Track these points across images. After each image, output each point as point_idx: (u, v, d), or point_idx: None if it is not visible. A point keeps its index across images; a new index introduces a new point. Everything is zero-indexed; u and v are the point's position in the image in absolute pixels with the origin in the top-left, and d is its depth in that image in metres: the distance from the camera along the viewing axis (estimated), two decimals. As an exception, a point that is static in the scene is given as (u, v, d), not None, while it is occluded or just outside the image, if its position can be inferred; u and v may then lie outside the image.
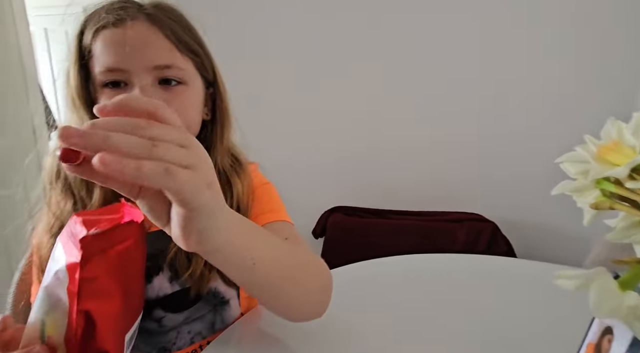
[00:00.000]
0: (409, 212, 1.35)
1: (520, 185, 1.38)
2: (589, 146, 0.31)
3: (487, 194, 1.41)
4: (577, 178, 0.34)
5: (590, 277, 0.25)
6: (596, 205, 0.33)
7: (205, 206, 0.25)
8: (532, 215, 1.38)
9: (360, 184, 1.48)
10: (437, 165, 1.44)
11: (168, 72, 0.43)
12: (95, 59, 0.43)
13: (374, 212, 1.35)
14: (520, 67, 1.32)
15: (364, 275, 0.70)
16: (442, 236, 1.23)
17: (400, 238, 1.21)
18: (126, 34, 0.41)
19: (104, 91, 0.43)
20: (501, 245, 1.23)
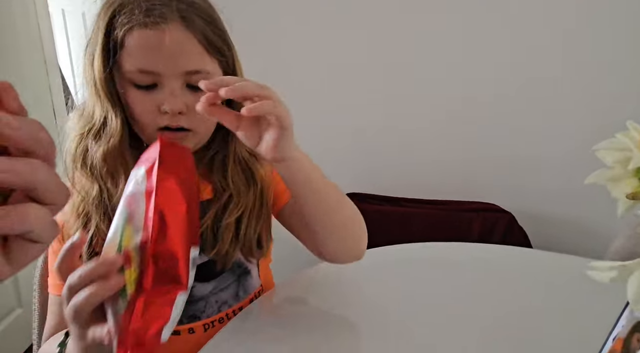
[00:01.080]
0: (423, 200, 1.34)
1: (538, 176, 1.34)
2: (631, 133, 0.30)
3: (504, 184, 1.38)
4: (613, 167, 0.32)
5: (629, 268, 0.24)
6: (634, 195, 0.32)
7: (291, 127, 0.40)
8: (549, 207, 1.35)
9: (374, 171, 1.47)
10: (453, 153, 1.41)
11: (196, 77, 0.44)
12: (127, 55, 0.42)
13: (388, 199, 1.34)
14: (541, 53, 1.27)
15: (376, 262, 0.70)
16: (456, 225, 1.21)
17: (414, 226, 1.20)
18: (163, 40, 0.41)
19: (131, 88, 0.44)
20: (517, 236, 1.21)
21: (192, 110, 0.43)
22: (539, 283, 0.61)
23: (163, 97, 0.43)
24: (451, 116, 1.40)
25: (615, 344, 0.32)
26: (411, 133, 1.44)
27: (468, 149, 1.40)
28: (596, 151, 0.33)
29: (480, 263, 0.70)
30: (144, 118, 0.44)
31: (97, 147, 0.45)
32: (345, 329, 0.50)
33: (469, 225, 1.21)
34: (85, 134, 0.46)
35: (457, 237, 0.88)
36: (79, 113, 0.49)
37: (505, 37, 1.29)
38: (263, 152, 0.41)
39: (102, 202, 0.46)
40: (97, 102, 0.45)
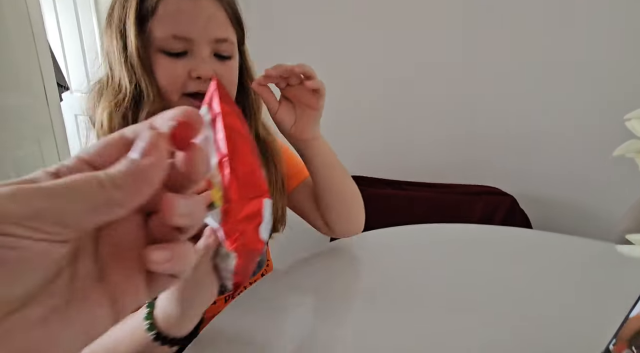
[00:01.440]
0: (425, 183, 1.32)
1: (540, 159, 1.33)
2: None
3: (506, 168, 1.37)
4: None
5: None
6: (664, 168, 0.30)
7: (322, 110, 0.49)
8: (550, 190, 1.34)
9: (377, 155, 1.45)
10: (455, 137, 1.40)
11: (223, 45, 0.46)
12: (159, 22, 0.43)
13: (391, 183, 1.33)
14: (542, 34, 1.24)
15: (378, 244, 0.69)
16: (458, 208, 1.21)
17: (416, 209, 1.19)
18: (197, 8, 0.43)
19: (160, 55, 0.44)
20: (519, 219, 1.20)
21: (219, 77, 0.45)
22: (540, 262, 0.61)
23: (194, 63, 0.44)
24: (453, 101, 1.37)
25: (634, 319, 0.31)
26: (414, 118, 1.41)
27: (470, 133, 1.38)
28: (626, 121, 0.31)
29: (481, 244, 0.70)
30: (172, 84, 0.45)
31: (141, 114, 0.44)
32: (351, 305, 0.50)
33: (471, 208, 1.20)
34: (117, 106, 0.44)
35: (458, 220, 0.87)
36: (100, 87, 0.47)
37: (507, 21, 1.26)
38: (298, 132, 0.50)
39: None
40: (128, 71, 0.44)
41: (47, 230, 0.12)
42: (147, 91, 0.44)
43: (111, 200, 0.13)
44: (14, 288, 0.12)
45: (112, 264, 0.15)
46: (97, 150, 0.15)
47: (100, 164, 0.15)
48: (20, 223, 0.11)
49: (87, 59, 2.03)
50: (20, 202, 0.12)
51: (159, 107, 0.45)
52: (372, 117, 1.44)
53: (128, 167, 0.14)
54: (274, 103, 0.49)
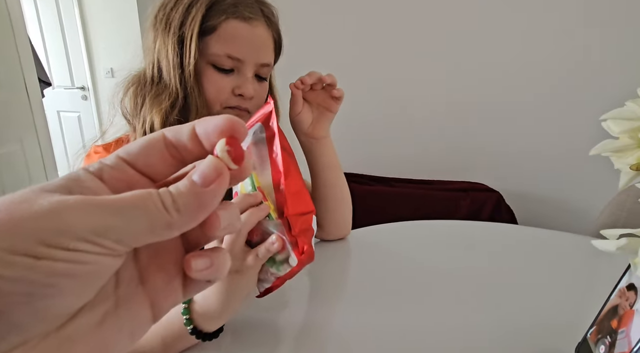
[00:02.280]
0: (413, 180, 1.34)
1: (526, 157, 1.36)
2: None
3: (493, 164, 1.40)
4: (619, 138, 0.32)
5: (636, 236, 0.23)
6: (637, 166, 0.32)
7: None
8: (536, 187, 1.38)
9: (366, 152, 1.46)
10: (445, 135, 1.42)
11: (265, 69, 0.51)
12: (217, 40, 0.46)
13: (379, 179, 1.34)
14: (527, 37, 1.26)
15: (366, 240, 0.70)
16: (445, 204, 1.23)
17: (404, 206, 1.21)
18: (253, 33, 0.48)
19: (210, 69, 0.47)
20: (504, 215, 1.23)
21: (256, 96, 0.50)
22: (524, 256, 0.63)
23: (239, 82, 0.49)
24: (442, 100, 1.39)
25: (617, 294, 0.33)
26: (403, 116, 1.43)
27: (458, 131, 1.40)
28: (602, 121, 0.32)
29: (468, 240, 0.71)
30: (217, 97, 0.48)
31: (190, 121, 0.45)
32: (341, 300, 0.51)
33: (458, 204, 1.23)
34: (171, 110, 0.46)
35: (446, 216, 0.89)
36: (139, 82, 0.48)
37: (494, 29, 1.28)
38: (315, 131, 0.56)
39: None
40: (181, 79, 0.47)
41: (109, 246, 0.12)
42: (195, 100, 0.47)
43: (170, 224, 0.13)
44: (80, 299, 0.13)
45: (152, 268, 0.15)
46: (139, 151, 0.15)
47: (142, 165, 0.15)
48: (88, 239, 0.12)
49: (69, 54, 1.98)
50: (89, 217, 0.12)
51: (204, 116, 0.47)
52: (362, 115, 1.44)
53: (191, 193, 0.14)
54: (300, 105, 0.55)
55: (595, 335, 0.35)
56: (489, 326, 0.44)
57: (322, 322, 0.46)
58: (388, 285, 0.54)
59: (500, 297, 0.51)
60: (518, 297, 0.51)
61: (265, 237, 0.34)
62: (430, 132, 1.43)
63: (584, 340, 0.37)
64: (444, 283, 0.54)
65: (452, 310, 0.48)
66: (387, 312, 0.48)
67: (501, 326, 0.44)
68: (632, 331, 0.29)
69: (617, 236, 0.25)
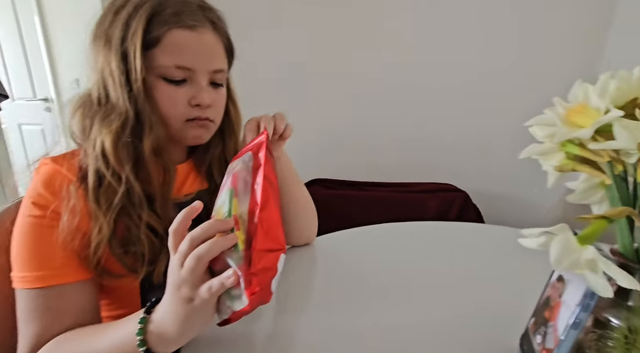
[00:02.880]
0: (384, 183, 1.37)
1: (490, 158, 1.42)
2: (557, 109, 0.32)
3: (459, 165, 1.45)
4: (544, 142, 0.35)
5: (552, 233, 0.26)
6: (560, 168, 0.34)
7: None
8: (500, 185, 1.44)
9: (335, 157, 1.48)
10: (411, 137, 1.46)
11: (219, 75, 0.49)
12: (163, 51, 0.45)
13: (350, 183, 1.36)
14: (486, 38, 1.33)
15: (334, 246, 0.72)
16: (414, 206, 1.26)
17: (375, 209, 1.23)
18: (201, 41, 0.46)
19: (161, 82, 0.46)
20: (471, 214, 1.28)
21: (214, 104, 0.49)
22: (489, 253, 0.66)
23: (194, 92, 0.47)
24: (408, 106, 1.43)
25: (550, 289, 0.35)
26: (371, 120, 1.46)
27: (425, 134, 1.45)
28: (529, 127, 0.35)
29: (437, 239, 0.74)
30: (173, 110, 0.47)
31: (146, 141, 0.45)
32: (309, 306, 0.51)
33: (427, 205, 1.26)
34: (122, 131, 0.44)
35: (415, 217, 0.92)
36: (86, 102, 0.46)
37: (458, 32, 1.34)
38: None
39: (137, 197, 0.44)
40: (129, 97, 0.44)
41: None
42: (148, 117, 0.45)
43: None
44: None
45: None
46: None
47: None
48: None
49: (30, 64, 1.90)
50: None
51: (162, 134, 0.46)
52: (330, 121, 1.47)
53: None
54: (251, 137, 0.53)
55: (533, 326, 0.37)
56: (451, 323, 0.47)
57: (289, 329, 0.47)
58: (354, 290, 0.55)
59: (462, 293, 0.53)
60: (479, 293, 0.53)
61: (226, 268, 0.33)
62: (398, 135, 1.47)
63: (525, 331, 0.39)
64: (408, 284, 0.56)
65: (415, 309, 0.50)
66: (352, 315, 0.49)
67: (463, 321, 0.47)
68: (559, 322, 0.31)
69: (538, 234, 0.27)
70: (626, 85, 0.27)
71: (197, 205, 0.35)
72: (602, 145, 0.28)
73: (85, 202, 0.43)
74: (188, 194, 0.52)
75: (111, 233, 0.42)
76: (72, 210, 0.42)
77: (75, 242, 0.42)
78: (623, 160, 0.29)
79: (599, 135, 0.31)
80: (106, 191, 0.43)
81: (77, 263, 0.42)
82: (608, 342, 0.29)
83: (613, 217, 0.26)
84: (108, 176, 0.43)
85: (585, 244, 0.26)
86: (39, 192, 0.43)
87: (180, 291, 0.33)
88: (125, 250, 0.43)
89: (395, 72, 1.41)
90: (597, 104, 0.28)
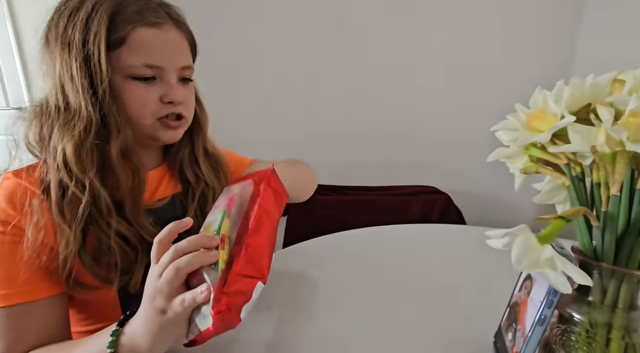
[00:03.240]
0: (367, 187, 1.38)
1: (469, 156, 1.46)
2: (519, 114, 0.33)
3: (441, 167, 1.48)
4: (509, 146, 0.36)
5: (513, 233, 0.27)
6: (525, 170, 0.36)
7: None
8: (480, 186, 1.48)
9: (321, 163, 1.49)
10: (396, 142, 1.48)
11: (187, 71, 0.50)
12: (128, 51, 0.44)
13: (333, 188, 1.37)
14: (462, 41, 1.37)
15: (320, 250, 0.72)
16: (397, 209, 1.28)
17: (359, 213, 1.24)
18: (166, 38, 0.46)
19: (130, 82, 0.45)
20: (453, 215, 1.30)
21: (186, 100, 0.49)
22: (470, 253, 0.68)
23: (165, 89, 0.47)
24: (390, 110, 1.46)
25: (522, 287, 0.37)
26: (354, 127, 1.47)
27: (407, 138, 1.48)
28: (495, 132, 0.36)
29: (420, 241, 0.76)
30: (144, 109, 0.46)
31: (113, 144, 0.43)
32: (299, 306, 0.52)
33: (410, 207, 1.28)
34: (85, 137, 0.42)
35: (399, 220, 0.93)
36: (43, 111, 0.44)
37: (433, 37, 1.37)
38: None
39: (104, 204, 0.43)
40: (93, 101, 0.43)
41: None
42: (115, 120, 0.44)
43: None
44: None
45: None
46: None
47: None
48: None
49: (3, 72, 1.84)
50: None
51: (130, 136, 0.45)
52: (313, 127, 1.48)
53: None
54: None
55: (505, 323, 0.39)
56: (433, 322, 0.48)
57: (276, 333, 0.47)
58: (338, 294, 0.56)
59: (442, 294, 0.55)
60: (459, 293, 0.55)
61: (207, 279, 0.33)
62: (381, 139, 1.49)
63: (499, 329, 0.40)
64: (392, 287, 0.58)
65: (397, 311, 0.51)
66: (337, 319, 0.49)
67: (444, 320, 0.48)
68: (527, 319, 0.33)
69: (502, 235, 0.29)
70: (579, 92, 0.29)
71: (187, 221, 0.36)
72: (559, 148, 0.30)
73: (50, 215, 0.41)
74: (162, 199, 0.51)
75: (80, 245, 0.41)
76: (35, 225, 0.40)
77: (41, 258, 0.40)
78: (580, 162, 0.31)
79: (558, 139, 0.32)
80: (70, 202, 0.42)
81: (44, 279, 0.41)
82: (571, 336, 0.30)
83: (569, 217, 0.27)
84: (72, 186, 0.42)
85: (544, 243, 0.27)
86: (1, 207, 0.41)
87: (155, 301, 0.33)
88: (97, 260, 0.42)
89: (377, 77, 1.43)
90: (554, 109, 0.30)
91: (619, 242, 0.28)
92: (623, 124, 0.24)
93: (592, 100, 0.29)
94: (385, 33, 1.39)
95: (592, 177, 0.30)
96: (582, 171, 0.31)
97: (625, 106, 0.25)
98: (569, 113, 0.29)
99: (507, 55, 1.37)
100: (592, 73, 0.30)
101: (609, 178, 0.28)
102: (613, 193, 0.28)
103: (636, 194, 0.27)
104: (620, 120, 0.25)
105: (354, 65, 1.42)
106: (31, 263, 0.40)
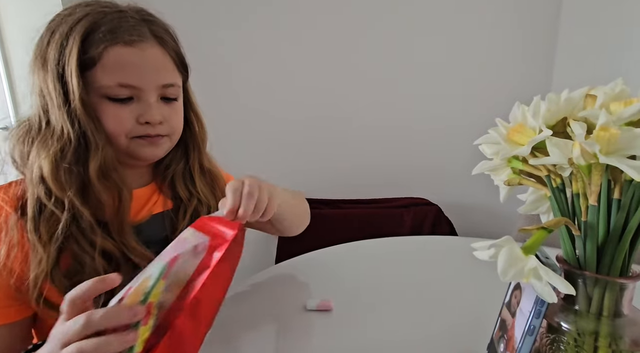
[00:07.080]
0: (359, 200, 1.39)
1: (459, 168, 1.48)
2: (499, 128, 0.35)
3: (431, 179, 1.50)
4: (492, 159, 0.37)
5: (499, 245, 0.28)
6: (508, 182, 0.37)
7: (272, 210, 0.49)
8: (471, 197, 1.50)
9: (312, 176, 1.49)
10: (387, 155, 1.50)
11: (170, 90, 0.48)
12: (103, 70, 0.43)
13: (327, 202, 1.37)
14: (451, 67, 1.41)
15: (319, 263, 0.72)
16: (390, 221, 1.28)
17: (351, 226, 1.25)
18: (143, 57, 0.44)
19: (105, 101, 0.44)
20: (444, 226, 1.31)
21: (167, 119, 0.48)
22: (460, 264, 0.69)
23: (142, 109, 0.45)
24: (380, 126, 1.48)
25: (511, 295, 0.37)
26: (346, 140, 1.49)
27: (397, 150, 1.50)
28: (478, 145, 0.37)
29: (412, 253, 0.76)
30: (120, 129, 0.45)
31: (92, 163, 0.43)
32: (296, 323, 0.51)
33: (402, 220, 1.29)
34: (62, 155, 0.42)
35: (392, 232, 0.93)
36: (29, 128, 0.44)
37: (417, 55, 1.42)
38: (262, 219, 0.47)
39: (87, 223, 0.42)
40: (70, 118, 0.43)
41: None
42: (94, 138, 0.43)
43: None
44: None
45: None
46: None
47: None
48: None
49: (-9, 92, 1.83)
50: None
51: (110, 155, 0.45)
52: (307, 141, 1.49)
53: None
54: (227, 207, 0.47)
55: (497, 334, 0.39)
56: (425, 335, 0.48)
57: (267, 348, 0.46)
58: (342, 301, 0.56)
59: (435, 306, 0.55)
60: (452, 304, 0.55)
61: None
62: (372, 152, 1.50)
63: (491, 340, 0.40)
64: (383, 299, 0.58)
65: (390, 323, 0.51)
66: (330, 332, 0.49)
67: (438, 332, 0.48)
68: (516, 329, 0.33)
69: (488, 247, 0.29)
70: (555, 106, 0.30)
71: (110, 280, 0.31)
72: (539, 161, 0.31)
73: (24, 234, 0.41)
74: (150, 216, 0.50)
75: (53, 266, 0.40)
76: (8, 244, 0.40)
77: (13, 276, 0.40)
78: (560, 173, 0.32)
79: (538, 152, 0.33)
80: (48, 220, 0.41)
81: (13, 301, 0.40)
82: (560, 346, 0.30)
83: (551, 227, 0.28)
84: (49, 204, 0.41)
85: (529, 254, 0.27)
86: None
87: None
88: (70, 280, 0.41)
89: (368, 91, 1.46)
90: (532, 123, 0.31)
91: (601, 251, 0.29)
92: (595, 137, 0.26)
93: (568, 114, 0.31)
94: (369, 47, 1.42)
95: (572, 188, 0.31)
96: (563, 182, 0.32)
97: (597, 120, 0.26)
98: (547, 127, 0.30)
99: (488, 72, 1.42)
100: (569, 88, 0.31)
101: (586, 189, 0.29)
102: (591, 203, 0.29)
103: (614, 204, 0.28)
104: (592, 133, 0.26)
105: (345, 78, 1.45)
106: (1, 283, 0.39)
